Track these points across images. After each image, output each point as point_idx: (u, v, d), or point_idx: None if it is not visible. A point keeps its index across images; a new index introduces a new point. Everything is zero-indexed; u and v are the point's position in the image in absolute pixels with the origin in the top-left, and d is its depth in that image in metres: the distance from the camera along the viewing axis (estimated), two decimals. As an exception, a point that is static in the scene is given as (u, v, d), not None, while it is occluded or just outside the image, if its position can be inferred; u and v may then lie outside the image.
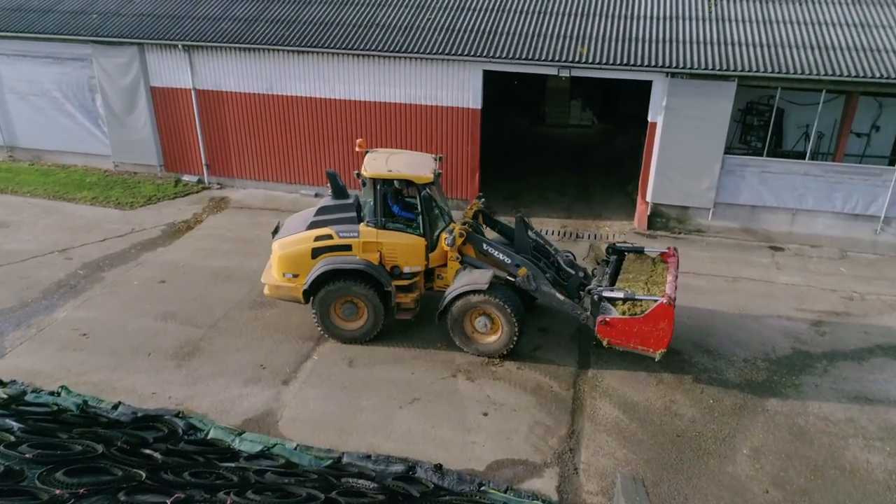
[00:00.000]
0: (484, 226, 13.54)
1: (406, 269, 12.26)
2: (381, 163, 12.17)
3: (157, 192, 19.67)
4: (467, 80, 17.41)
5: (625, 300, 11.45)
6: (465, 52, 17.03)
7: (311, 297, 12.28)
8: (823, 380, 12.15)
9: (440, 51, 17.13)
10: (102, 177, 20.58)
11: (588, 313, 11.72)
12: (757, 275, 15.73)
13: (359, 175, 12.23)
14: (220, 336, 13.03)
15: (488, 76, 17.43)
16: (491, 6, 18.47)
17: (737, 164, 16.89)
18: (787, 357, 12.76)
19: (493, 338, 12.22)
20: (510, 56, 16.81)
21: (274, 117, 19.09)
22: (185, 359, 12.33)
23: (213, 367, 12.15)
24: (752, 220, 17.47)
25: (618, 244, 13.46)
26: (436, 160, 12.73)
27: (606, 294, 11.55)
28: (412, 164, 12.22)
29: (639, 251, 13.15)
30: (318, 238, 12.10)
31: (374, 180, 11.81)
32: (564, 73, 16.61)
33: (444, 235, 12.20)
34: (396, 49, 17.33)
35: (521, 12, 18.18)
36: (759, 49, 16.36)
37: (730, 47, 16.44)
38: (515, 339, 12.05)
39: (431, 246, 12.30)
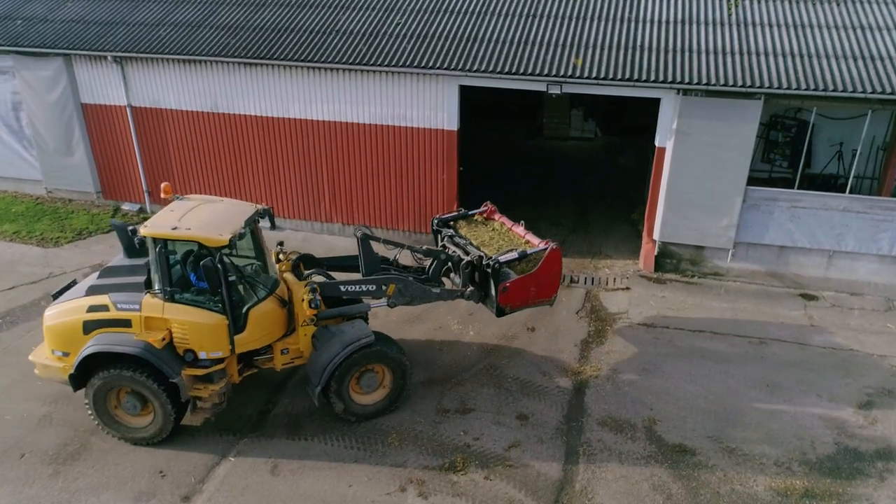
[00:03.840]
0: (305, 271, 10.98)
1: (203, 356, 9.58)
2: (172, 218, 9.42)
3: (91, 224, 17.14)
4: (441, 97, 14.74)
5: (520, 259, 10.77)
6: (439, 65, 14.34)
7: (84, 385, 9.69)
8: (880, 493, 9.43)
9: (410, 63, 14.46)
10: (32, 205, 18.08)
11: (471, 289, 10.87)
12: (788, 334, 12.98)
13: (134, 232, 9.79)
14: (118, 427, 10.46)
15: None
16: (470, 7, 15.75)
17: (762, 198, 14.10)
18: (830, 457, 10.03)
19: (378, 394, 10.61)
20: (491, 69, 14.10)
21: (221, 139, 16.49)
22: (66, 462, 9.77)
23: (98, 474, 9.58)
24: (779, 263, 14.68)
25: (443, 216, 12.45)
26: (259, 214, 10.10)
27: (503, 259, 10.59)
28: (210, 223, 9.41)
29: (464, 216, 12.46)
30: (91, 308, 9.50)
31: (155, 241, 9.19)
32: (555, 91, 13.89)
33: (306, 298, 9.93)
34: (359, 61, 14.67)
35: (505, 15, 15.45)
36: (789, 60, 13.56)
37: (754, 58, 13.65)
38: (403, 388, 10.70)
39: (238, 326, 9.66)
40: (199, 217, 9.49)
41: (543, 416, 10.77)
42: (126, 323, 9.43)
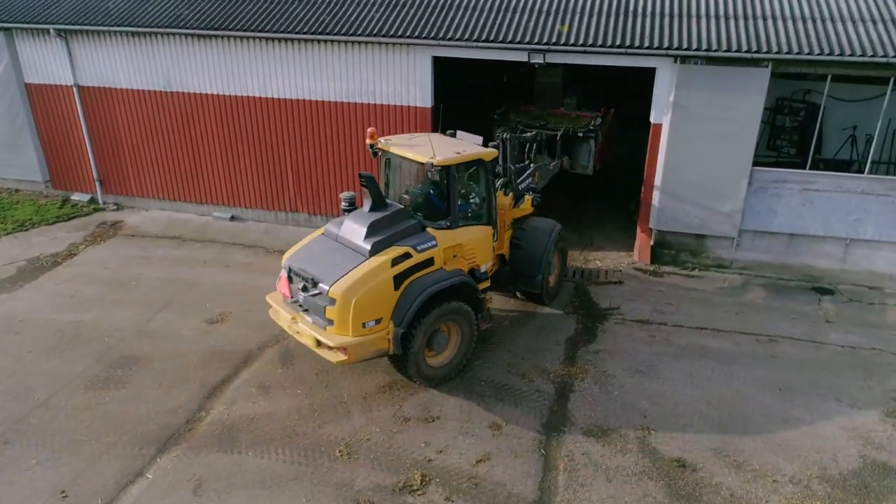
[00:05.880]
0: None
1: (483, 269, 10.48)
2: (432, 148, 9.83)
3: (36, 215, 15.71)
4: (413, 70, 13.32)
5: (602, 123, 13.95)
6: (410, 33, 12.95)
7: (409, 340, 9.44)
8: (916, 517, 7.91)
9: (378, 32, 13.07)
10: (-26, 196, 16.68)
11: (566, 157, 13.93)
12: (801, 332, 11.49)
13: (432, 166, 9.43)
14: (23, 438, 8.96)
15: (449, 64, 13.40)
16: (447, -25, 14.35)
17: (770, 180, 12.64)
18: (855, 473, 8.51)
19: (555, 277, 12.36)
20: (467, 37, 12.69)
21: (176, 121, 15.07)
22: (-48, 480, 8.29)
23: (-11, 495, 8.10)
24: (789, 253, 13.20)
25: (499, 110, 15.10)
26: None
27: (597, 123, 13.79)
28: (461, 144, 10.50)
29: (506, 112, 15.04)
30: (395, 261, 9.30)
31: (448, 169, 9.68)
32: (537, 60, 12.46)
33: (526, 198, 11.88)
34: (322, 30, 13.28)
35: (485, -18, 14.04)
36: (800, 23, 12.15)
37: (760, 22, 12.24)
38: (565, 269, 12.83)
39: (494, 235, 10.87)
40: (440, 145, 10.10)
41: (519, 424, 9.25)
42: (428, 262, 9.64)
